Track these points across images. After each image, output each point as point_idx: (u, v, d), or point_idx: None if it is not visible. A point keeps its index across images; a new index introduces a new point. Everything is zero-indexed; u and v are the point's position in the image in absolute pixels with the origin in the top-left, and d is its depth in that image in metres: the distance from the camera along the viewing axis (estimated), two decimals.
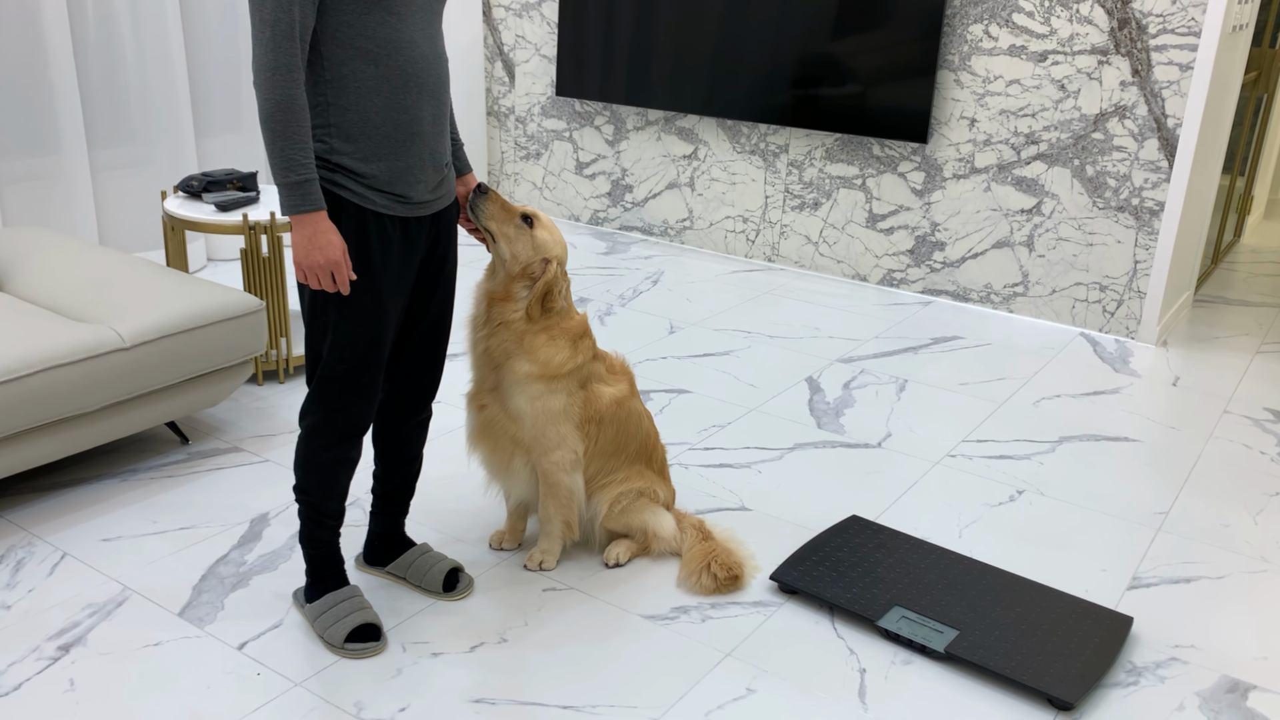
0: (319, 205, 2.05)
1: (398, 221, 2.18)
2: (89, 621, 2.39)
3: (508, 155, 6.03)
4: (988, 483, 3.21)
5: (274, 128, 1.99)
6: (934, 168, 4.73)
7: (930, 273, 4.86)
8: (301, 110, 2.00)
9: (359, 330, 2.19)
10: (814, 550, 2.74)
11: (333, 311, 2.18)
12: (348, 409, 2.25)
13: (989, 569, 2.70)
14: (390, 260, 2.19)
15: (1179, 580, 2.76)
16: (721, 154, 5.30)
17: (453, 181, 2.33)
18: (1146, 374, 4.11)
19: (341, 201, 2.13)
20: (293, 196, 2.03)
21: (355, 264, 2.15)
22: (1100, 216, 4.40)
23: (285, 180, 2.02)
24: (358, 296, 2.17)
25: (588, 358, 2.59)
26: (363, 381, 2.24)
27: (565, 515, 2.64)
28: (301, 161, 2.01)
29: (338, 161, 2.10)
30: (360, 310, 2.18)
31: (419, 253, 2.27)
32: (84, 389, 2.76)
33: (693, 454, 3.31)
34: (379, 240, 2.16)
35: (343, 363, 2.21)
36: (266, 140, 2.01)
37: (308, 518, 2.36)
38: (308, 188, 2.03)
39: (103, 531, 2.74)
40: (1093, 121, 4.33)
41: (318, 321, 2.21)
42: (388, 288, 2.20)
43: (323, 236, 2.05)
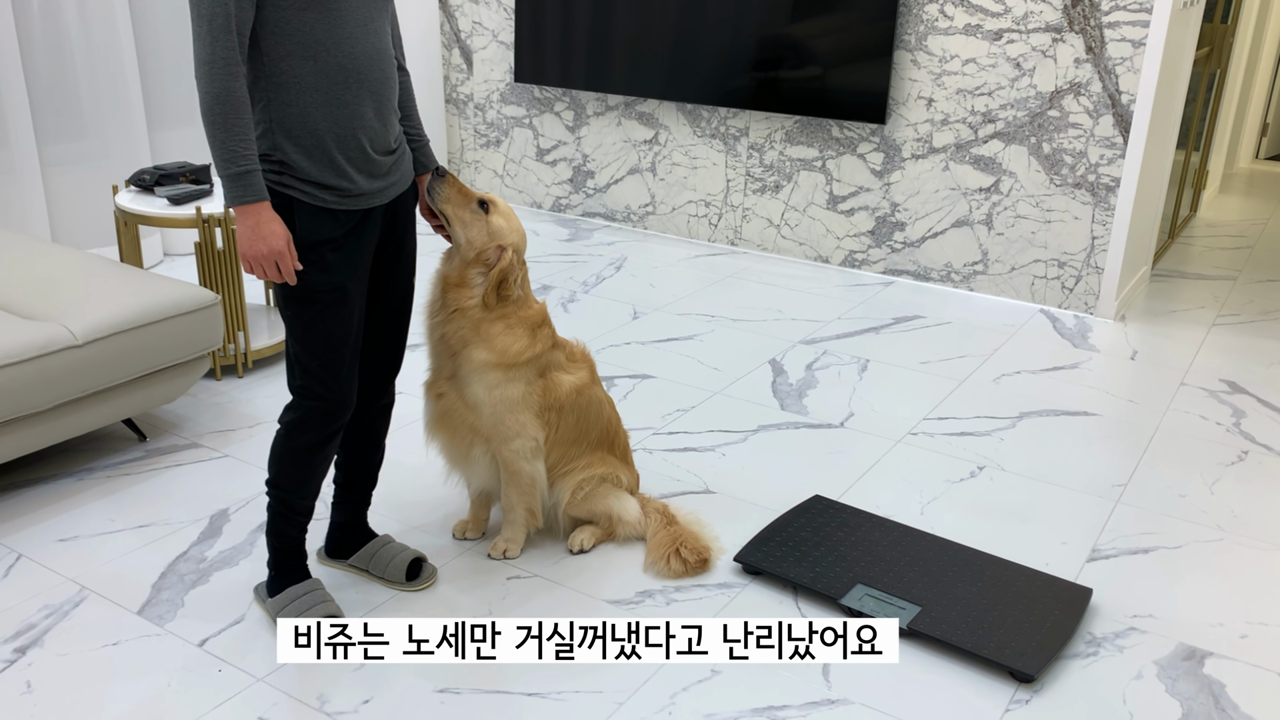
0: (261, 196, 2.04)
1: (350, 214, 2.17)
2: (46, 623, 2.36)
3: (467, 143, 5.99)
4: (949, 459, 3.23)
5: (214, 120, 1.99)
6: (893, 148, 4.75)
7: (891, 253, 4.89)
8: (241, 103, 2.00)
9: (325, 324, 2.19)
10: (777, 531, 2.75)
11: (297, 308, 2.18)
12: (324, 403, 2.25)
13: (950, 545, 2.72)
14: (347, 252, 2.18)
15: (1137, 551, 2.79)
16: (682, 138, 5.29)
17: (407, 166, 2.32)
18: (1105, 349, 4.15)
19: (291, 200, 2.12)
20: (235, 188, 2.02)
21: (313, 260, 2.15)
22: (1057, 194, 4.43)
23: (227, 172, 2.02)
24: (319, 292, 2.16)
25: (546, 346, 2.58)
26: (338, 375, 2.23)
27: (528, 503, 2.64)
28: (242, 153, 2.01)
29: (281, 159, 2.10)
30: (323, 305, 2.18)
31: (375, 240, 2.26)
32: (36, 388, 2.72)
33: (657, 438, 3.31)
34: (332, 235, 2.15)
35: (314, 358, 2.21)
36: (208, 133, 2.01)
37: (277, 513, 2.34)
38: (250, 179, 2.02)
39: (59, 531, 2.71)
40: (1048, 99, 4.36)
41: (286, 318, 2.21)
42: (348, 279, 2.19)
43: (265, 227, 2.05)
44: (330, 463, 2.35)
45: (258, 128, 2.10)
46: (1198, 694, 2.27)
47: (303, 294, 2.17)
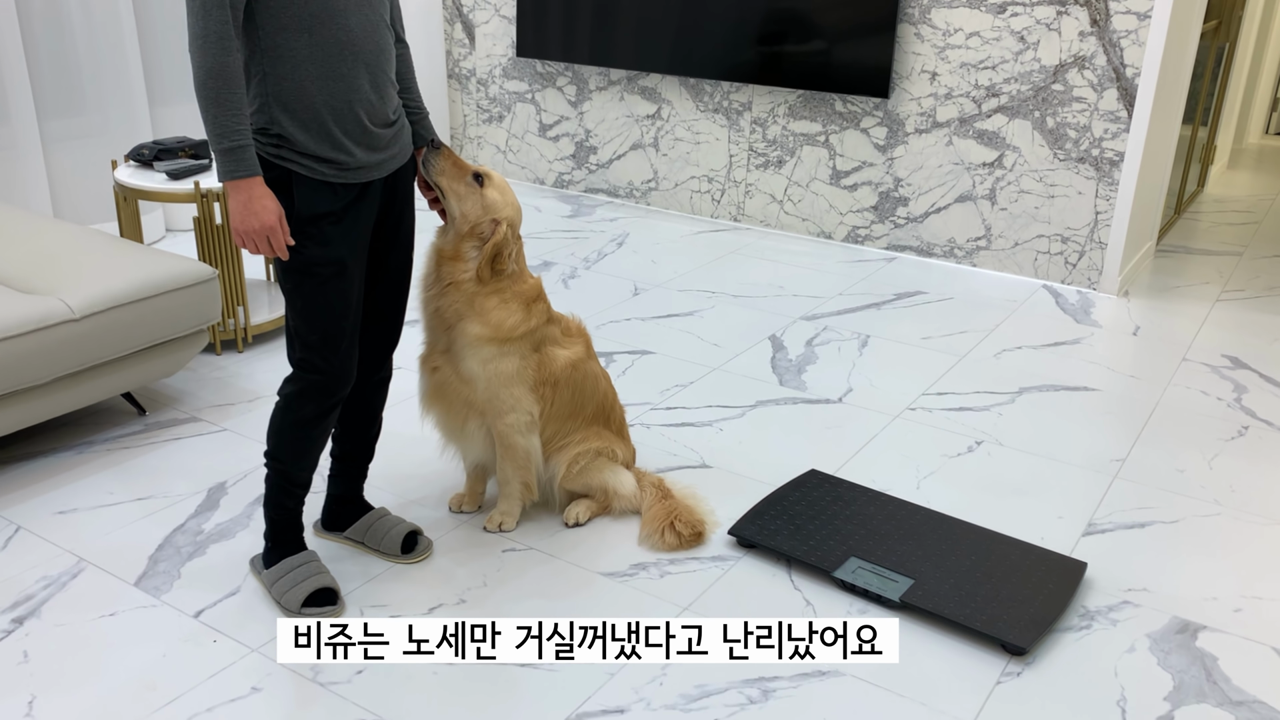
0: (254, 171, 2.04)
1: (350, 187, 2.17)
2: (43, 594, 2.38)
3: (470, 119, 5.98)
4: (947, 434, 3.23)
5: (208, 95, 2.00)
6: (896, 123, 4.72)
7: (894, 228, 4.86)
8: (234, 77, 2.00)
9: (324, 298, 2.19)
10: (772, 505, 2.75)
11: (296, 281, 2.19)
12: (324, 376, 2.25)
13: (945, 519, 2.72)
14: (345, 226, 2.19)
15: (1133, 525, 2.79)
16: (685, 113, 5.27)
17: (407, 139, 2.32)
18: (1108, 324, 4.13)
19: (290, 174, 2.12)
20: (227, 162, 2.03)
21: (311, 234, 2.15)
22: (1061, 168, 4.41)
23: (220, 146, 2.02)
24: (318, 266, 2.17)
25: (541, 321, 2.58)
26: (337, 348, 2.24)
27: (523, 477, 2.65)
28: (235, 128, 2.01)
29: (279, 132, 2.10)
30: (322, 278, 2.18)
31: (374, 213, 2.26)
32: (33, 361, 2.73)
33: (655, 414, 3.31)
34: (331, 208, 2.16)
35: (313, 331, 2.21)
36: (201, 108, 2.02)
37: (275, 484, 2.35)
38: (242, 154, 2.02)
39: (58, 504, 2.73)
40: (1052, 73, 4.32)
41: (286, 292, 2.22)
42: (347, 253, 2.20)
43: (258, 202, 2.05)
44: (329, 436, 2.35)
45: (254, 102, 2.10)
46: (1190, 667, 2.27)
47: (302, 268, 2.18)
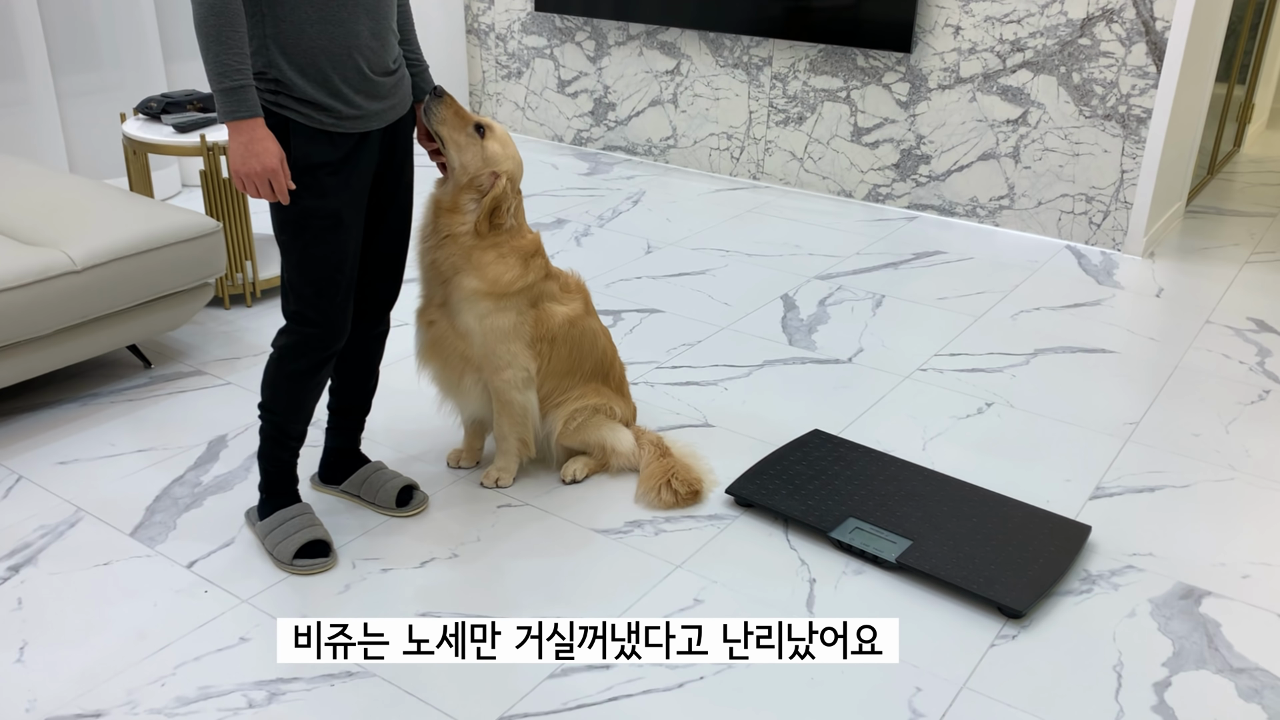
0: (255, 112, 2.01)
1: (348, 137, 2.14)
2: (40, 542, 2.40)
3: (489, 75, 5.92)
4: (957, 395, 3.17)
5: (208, 33, 1.96)
6: (919, 78, 4.62)
7: (916, 187, 4.77)
8: (235, 15, 1.97)
9: (320, 249, 2.17)
10: (772, 464, 2.72)
11: (292, 232, 2.16)
12: (318, 329, 2.23)
13: (949, 480, 2.68)
14: (343, 176, 2.16)
15: (1143, 490, 2.73)
16: (704, 68, 5.18)
17: (406, 90, 2.28)
18: (1130, 286, 4.04)
19: (287, 122, 2.10)
20: (228, 102, 1.99)
21: (308, 184, 2.13)
22: (1087, 126, 4.29)
23: (220, 86, 1.99)
24: (314, 217, 2.14)
25: (539, 276, 2.54)
26: (332, 301, 2.22)
27: (520, 433, 2.63)
28: (236, 67, 1.98)
29: (277, 76, 2.06)
30: (318, 230, 2.15)
31: (373, 165, 2.23)
32: (34, 313, 2.74)
33: (660, 372, 3.28)
34: (328, 158, 2.13)
35: (309, 284, 2.19)
36: (201, 47, 1.98)
37: (270, 436, 2.35)
38: (243, 93, 1.99)
39: (60, 455, 2.74)
40: (1079, 27, 4.20)
41: (281, 243, 2.19)
42: (344, 204, 2.17)
43: (259, 144, 2.02)
44: (323, 388, 2.34)
45: (252, 43, 2.07)
46: (1191, 633, 2.22)
47: (297, 218, 2.15)
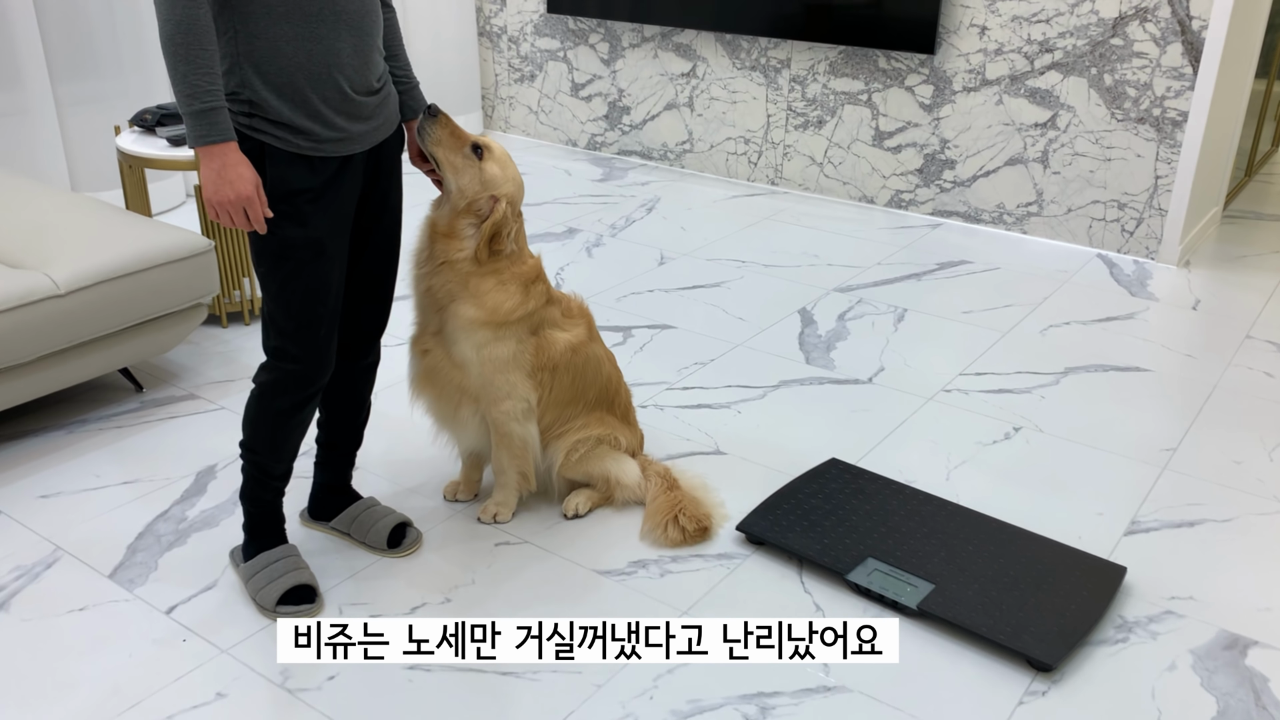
0: (227, 135, 1.88)
1: (329, 161, 2.01)
2: (15, 585, 2.29)
3: (501, 78, 5.79)
4: (982, 419, 3.01)
5: (175, 50, 1.83)
6: (943, 80, 4.45)
7: (940, 193, 4.60)
8: (204, 32, 1.83)
9: (301, 281, 2.04)
10: (786, 497, 2.57)
11: (270, 263, 2.03)
12: (300, 366, 2.11)
13: (974, 515, 2.52)
14: (324, 203, 2.02)
15: (1181, 524, 2.56)
16: (721, 71, 5.03)
17: (393, 109, 2.15)
18: (1165, 297, 3.86)
19: (263, 146, 1.96)
20: (199, 126, 1.86)
21: (286, 213, 1.99)
22: (1119, 129, 4.11)
23: (190, 108, 1.85)
24: (294, 247, 2.01)
25: (540, 303, 2.40)
26: (315, 336, 2.09)
27: (520, 466, 2.49)
28: (206, 88, 1.84)
29: (251, 98, 1.93)
30: (299, 260, 2.02)
31: (357, 190, 2.10)
32: (16, 339, 2.63)
33: (670, 394, 3.14)
34: (308, 185, 1.99)
35: (290, 318, 2.06)
36: (169, 65, 1.84)
37: (251, 476, 2.23)
38: (214, 116, 1.86)
39: (42, 487, 2.63)
40: (1111, 26, 4.02)
41: (260, 274, 2.07)
42: (326, 232, 2.03)
43: (232, 170, 1.89)
44: (307, 426, 2.22)
45: (224, 62, 1.93)
46: (1237, 689, 2.06)
47: (276, 249, 2.02)
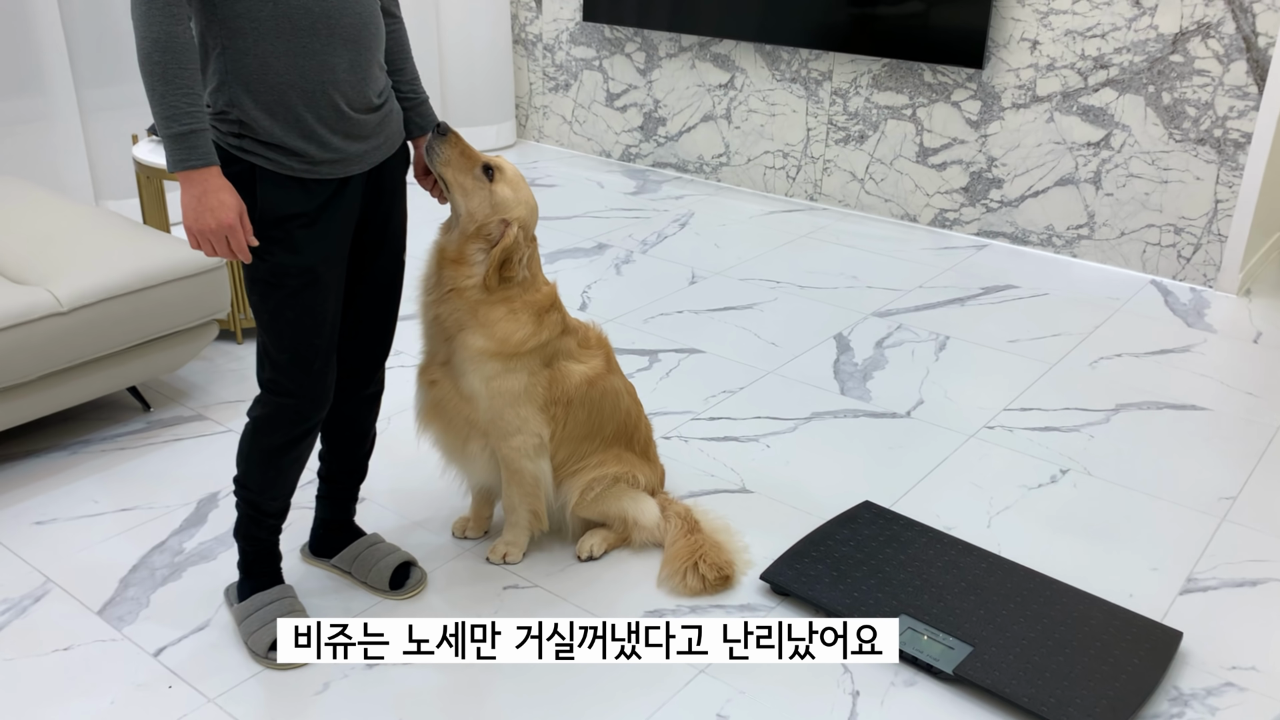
0: (209, 160, 1.76)
1: (324, 183, 1.89)
2: (1, 620, 2.18)
3: (536, 87, 5.67)
4: (1028, 460, 2.83)
5: (153, 70, 1.71)
6: (991, 96, 4.26)
7: (986, 213, 4.42)
8: (184, 50, 1.71)
9: (293, 311, 1.92)
10: (815, 544, 2.41)
11: (262, 291, 1.92)
12: (294, 400, 1.99)
13: (1017, 569, 2.35)
14: (319, 228, 1.90)
15: (1243, 583, 2.37)
16: (760, 82, 4.87)
17: (396, 127, 2.02)
18: (1224, 328, 3.65)
19: (254, 169, 1.84)
20: (178, 150, 1.74)
21: (278, 238, 1.87)
22: (1177, 150, 3.91)
23: (168, 131, 1.74)
24: (287, 275, 1.89)
25: (554, 333, 2.27)
26: (309, 369, 1.97)
27: (531, 504, 2.36)
28: (186, 109, 1.72)
29: (240, 117, 1.81)
30: (292, 289, 1.90)
31: (354, 214, 1.97)
32: (17, 357, 2.53)
33: (696, 425, 2.99)
34: (302, 209, 1.87)
35: (284, 351, 1.94)
36: (146, 86, 1.73)
37: (245, 514, 2.11)
38: (195, 139, 1.74)
39: (38, 513, 2.53)
40: (1171, 42, 3.82)
41: (251, 304, 1.95)
42: (320, 260, 1.91)
43: (214, 196, 1.77)
44: (303, 463, 2.10)
45: (212, 80, 1.82)
46: None
47: (268, 277, 1.90)
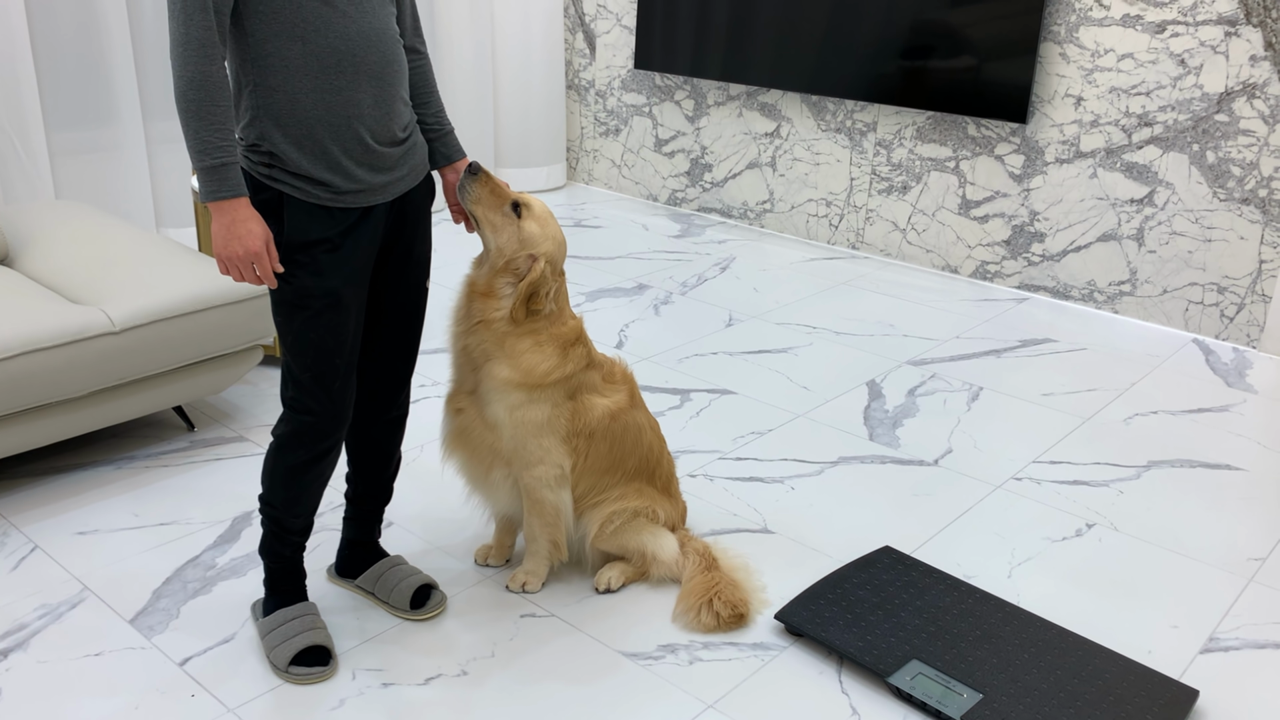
0: (239, 191, 1.87)
1: (348, 211, 1.98)
2: (37, 624, 2.27)
3: (587, 131, 5.79)
4: (1054, 513, 2.82)
5: (188, 107, 1.83)
6: (1034, 151, 4.28)
7: (1027, 266, 4.42)
8: (218, 88, 1.83)
9: (316, 332, 2.01)
10: (832, 586, 2.43)
11: (286, 312, 2.01)
12: (314, 418, 2.07)
13: (1033, 619, 2.34)
14: (343, 254, 1.99)
15: (1265, 645, 2.34)
16: (805, 132, 4.94)
17: (420, 159, 2.11)
18: (1265, 390, 3.61)
19: (282, 197, 1.94)
20: (210, 182, 1.85)
21: (303, 262, 1.97)
22: (1221, 209, 3.89)
23: (202, 164, 1.85)
24: (311, 297, 1.98)
25: (579, 366, 2.33)
26: (330, 388, 2.05)
27: (551, 535, 2.40)
28: (218, 144, 1.84)
29: (270, 149, 1.92)
30: (316, 310, 1.99)
31: (376, 241, 2.06)
32: (69, 374, 2.64)
33: (722, 464, 3.02)
34: (326, 235, 1.96)
35: (306, 370, 2.03)
36: (182, 121, 1.85)
37: (270, 531, 2.19)
38: (226, 172, 1.85)
39: (80, 524, 2.63)
40: (1216, 101, 3.82)
41: (276, 324, 2.04)
42: (342, 283, 2.00)
43: (242, 225, 1.87)
44: (325, 482, 2.17)
45: (245, 115, 1.93)
46: None
47: (293, 299, 1.99)
